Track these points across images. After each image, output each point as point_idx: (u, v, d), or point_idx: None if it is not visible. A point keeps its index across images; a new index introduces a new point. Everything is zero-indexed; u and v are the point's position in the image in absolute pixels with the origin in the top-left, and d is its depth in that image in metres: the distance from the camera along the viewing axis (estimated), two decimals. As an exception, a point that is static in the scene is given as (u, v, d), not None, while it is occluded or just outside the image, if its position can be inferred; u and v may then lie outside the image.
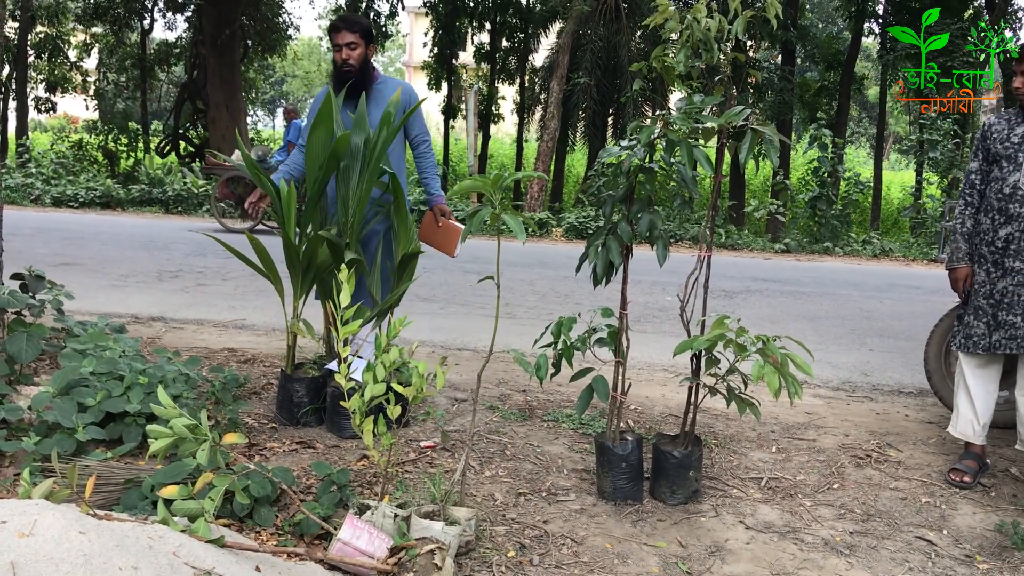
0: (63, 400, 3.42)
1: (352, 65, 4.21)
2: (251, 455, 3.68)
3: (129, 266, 9.04)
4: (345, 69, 4.23)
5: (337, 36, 4.23)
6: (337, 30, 4.23)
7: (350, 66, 4.22)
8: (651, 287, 8.80)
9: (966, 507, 3.56)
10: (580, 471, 3.75)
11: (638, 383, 5.17)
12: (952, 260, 3.88)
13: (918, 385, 5.46)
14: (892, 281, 10.63)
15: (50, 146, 22.48)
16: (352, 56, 4.21)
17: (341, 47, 4.21)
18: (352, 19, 4.30)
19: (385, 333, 2.93)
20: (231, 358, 5.31)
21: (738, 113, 3.15)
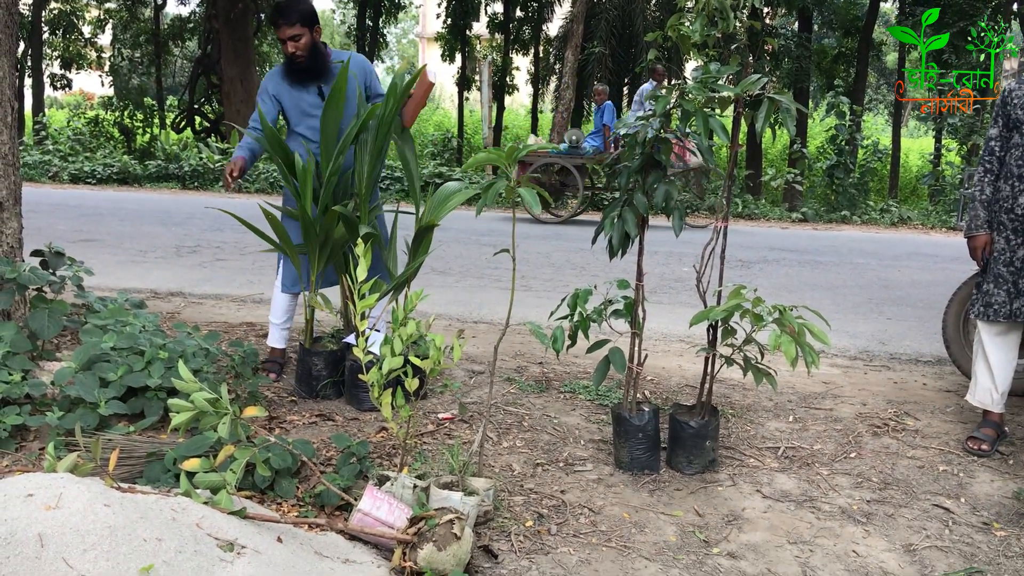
0: (85, 375, 3.47)
1: (302, 55, 4.10)
2: (271, 428, 3.72)
3: (147, 242, 9.10)
4: (298, 59, 4.12)
5: (279, 32, 4.11)
6: (277, 26, 4.11)
7: (300, 57, 4.11)
8: (667, 258, 8.78)
9: (984, 475, 3.56)
10: (597, 442, 3.77)
11: (654, 354, 5.17)
12: (971, 228, 3.84)
13: (936, 354, 5.44)
14: (910, 249, 10.56)
15: (67, 123, 22.56)
16: (299, 47, 4.09)
17: (285, 41, 4.09)
18: (288, 9, 4.07)
19: (402, 307, 2.95)
20: (250, 332, 5.35)
21: (754, 82, 3.13)
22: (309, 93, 4.20)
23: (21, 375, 3.49)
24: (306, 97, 4.21)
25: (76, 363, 3.53)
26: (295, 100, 4.21)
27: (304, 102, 4.21)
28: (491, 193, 2.90)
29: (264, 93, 4.25)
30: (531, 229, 11.33)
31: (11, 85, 3.98)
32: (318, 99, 4.18)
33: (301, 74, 4.16)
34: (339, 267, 4.26)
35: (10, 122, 3.98)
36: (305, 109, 4.22)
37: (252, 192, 15.66)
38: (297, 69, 4.15)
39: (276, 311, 4.45)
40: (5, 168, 3.95)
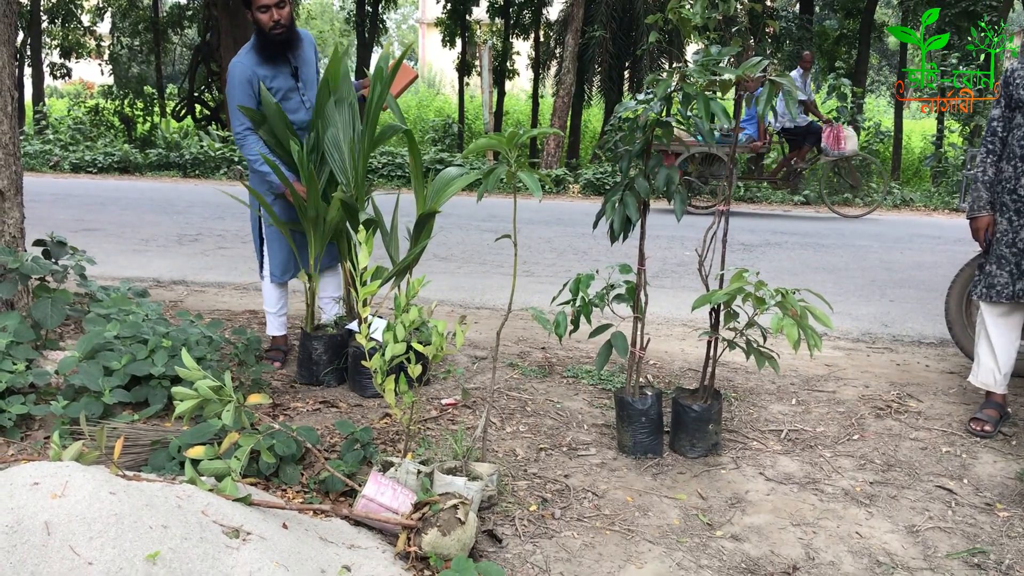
0: (89, 364, 3.48)
1: (284, 26, 3.89)
2: (275, 415, 3.73)
3: (149, 230, 9.10)
4: (277, 31, 3.89)
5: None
6: None
7: (282, 27, 3.89)
8: (669, 242, 8.77)
9: (986, 456, 3.57)
10: (600, 426, 3.78)
11: (657, 338, 5.18)
12: (973, 209, 3.84)
13: (939, 335, 5.44)
14: (913, 231, 10.54)
15: (67, 112, 22.52)
16: (283, 15, 3.87)
17: (269, 8, 3.84)
18: None
19: (404, 293, 2.95)
20: (253, 319, 5.36)
21: (756, 64, 3.12)
22: (282, 74, 4.01)
23: (25, 364, 3.50)
24: (279, 79, 4.00)
25: (80, 352, 3.54)
26: (273, 83, 3.99)
27: (280, 84, 4.01)
28: (492, 179, 2.89)
29: (237, 86, 3.95)
30: (533, 215, 11.31)
31: (11, 75, 3.97)
32: (292, 80, 4.04)
33: (279, 48, 3.94)
34: (341, 252, 4.26)
35: (10, 112, 3.97)
36: (282, 91, 4.03)
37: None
38: (277, 41, 3.91)
39: (269, 300, 4.45)
40: (6, 158, 3.95)
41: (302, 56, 4.08)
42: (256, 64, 3.95)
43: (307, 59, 4.11)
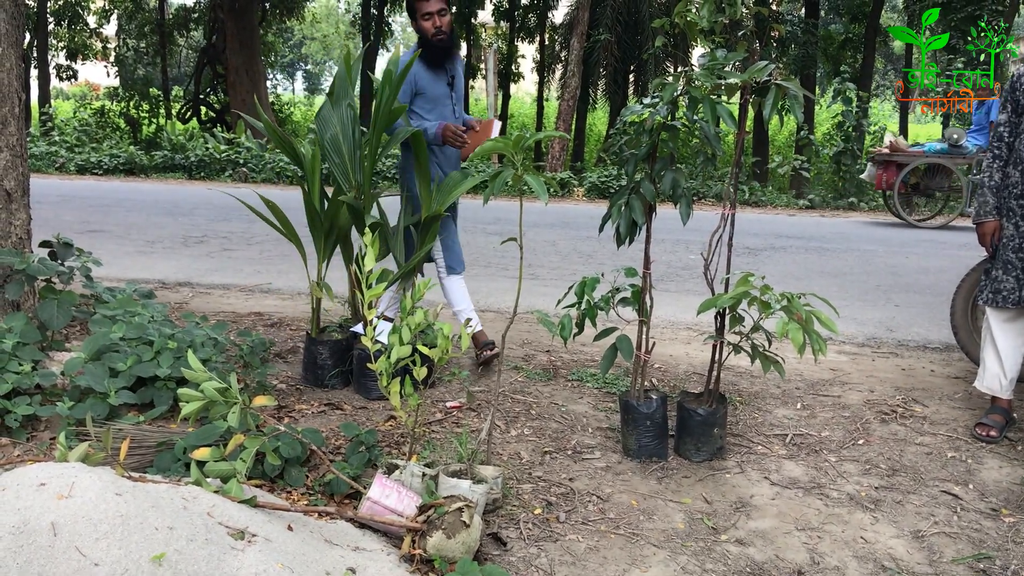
0: (95, 365, 3.48)
1: (445, 33, 4.01)
2: (280, 417, 3.73)
3: (155, 232, 9.12)
4: (439, 38, 4.02)
5: (427, 4, 3.96)
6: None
7: (443, 34, 4.01)
8: (674, 246, 8.77)
9: (992, 461, 3.56)
10: (605, 429, 3.78)
11: (662, 342, 5.17)
12: (980, 214, 3.83)
13: (944, 340, 5.43)
14: (918, 236, 10.52)
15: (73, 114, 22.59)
16: (444, 23, 3.99)
17: (432, 15, 3.96)
18: None
19: (410, 296, 2.95)
20: (258, 322, 5.37)
21: (761, 69, 3.12)
22: (440, 82, 4.14)
23: (31, 365, 3.51)
24: (437, 86, 4.14)
25: (86, 353, 3.55)
26: (431, 88, 4.13)
27: (438, 90, 4.15)
28: (498, 182, 2.90)
29: (407, 82, 4.07)
30: (538, 218, 11.31)
31: (18, 76, 3.99)
32: (447, 88, 4.15)
33: (441, 55, 4.07)
34: (347, 256, 4.26)
35: (17, 113, 3.98)
36: (438, 98, 4.17)
37: (258, 182, 15.67)
38: (439, 47, 4.03)
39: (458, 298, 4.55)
40: (13, 159, 3.96)
41: (458, 69, 4.25)
42: (419, 67, 4.09)
43: (460, 72, 4.28)
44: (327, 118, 4.03)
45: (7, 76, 3.90)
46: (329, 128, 4.03)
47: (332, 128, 4.03)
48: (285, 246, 7.68)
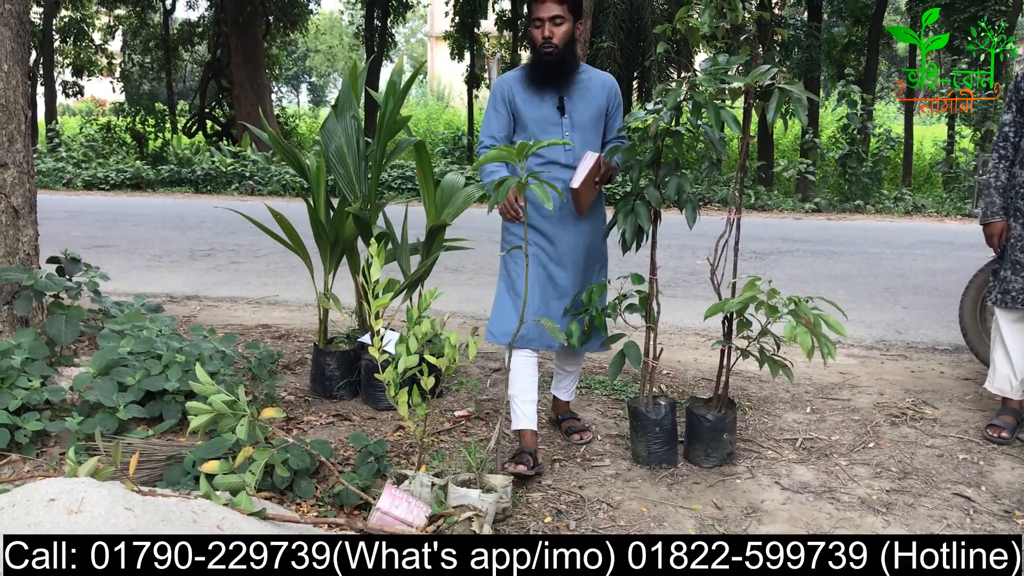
0: (103, 380, 3.49)
1: (554, 44, 3.32)
2: (289, 429, 3.73)
3: (162, 246, 9.15)
4: (545, 49, 3.33)
5: (538, 8, 3.36)
6: (539, 0, 3.35)
7: (552, 45, 3.32)
8: (680, 251, 8.76)
9: (1004, 463, 3.54)
10: (614, 436, 3.77)
11: (670, 348, 5.16)
12: (986, 215, 3.82)
13: (953, 342, 5.41)
14: (925, 238, 10.49)
15: (79, 130, 22.67)
16: (556, 33, 3.32)
17: (543, 22, 3.33)
18: None
19: (416, 305, 2.95)
20: (266, 334, 5.38)
21: (764, 72, 3.12)
22: (546, 103, 3.39)
23: (40, 381, 3.52)
24: (543, 108, 3.39)
25: (94, 368, 3.56)
26: (530, 109, 3.40)
27: (539, 113, 3.40)
28: (503, 190, 2.90)
29: (495, 98, 3.48)
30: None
31: (24, 94, 4.01)
32: (556, 114, 3.39)
33: (545, 71, 3.36)
34: (354, 267, 4.27)
35: (24, 131, 4.01)
36: (539, 120, 3.40)
37: (264, 195, 15.71)
38: (544, 62, 3.34)
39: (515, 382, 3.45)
40: (20, 176, 3.98)
41: (579, 92, 3.42)
42: (518, 82, 3.43)
43: (589, 100, 3.42)
44: (332, 130, 4.04)
45: (13, 93, 3.92)
46: (334, 140, 4.04)
47: (337, 139, 4.04)
48: (292, 258, 7.67)
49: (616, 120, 3.52)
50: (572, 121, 3.41)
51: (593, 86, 3.45)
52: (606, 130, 3.52)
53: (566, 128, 3.40)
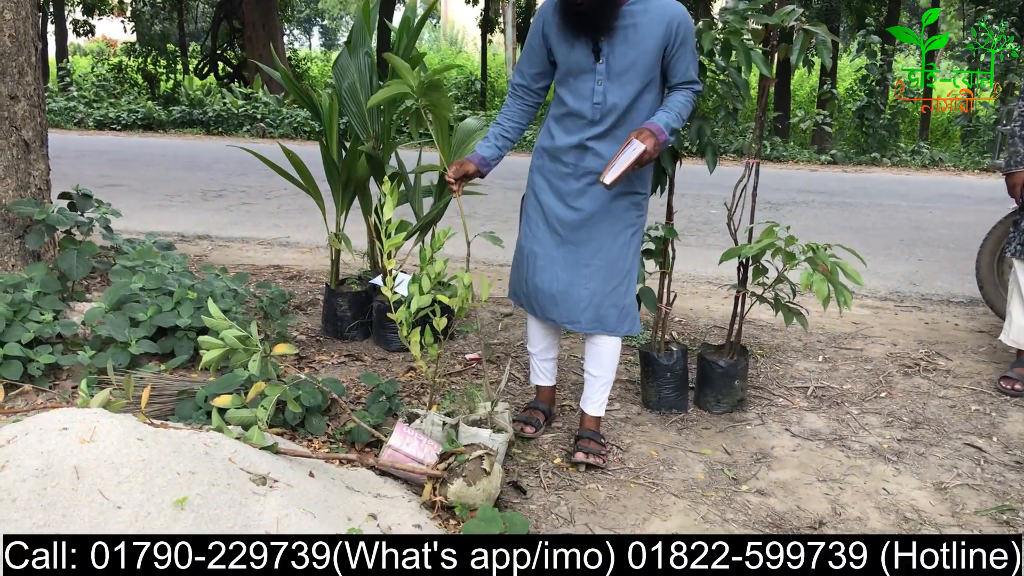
0: (115, 315, 3.49)
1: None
2: (301, 367, 3.74)
3: (173, 186, 9.11)
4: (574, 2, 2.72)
5: None
6: None
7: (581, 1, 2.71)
8: (695, 200, 8.68)
9: (1016, 414, 3.52)
10: (624, 382, 3.76)
11: (682, 296, 5.13)
12: (1010, 164, 3.75)
13: (968, 294, 5.37)
14: (942, 191, 10.37)
15: (91, 69, 22.53)
16: None
17: None
18: None
19: (430, 245, 2.92)
20: (277, 274, 5.37)
21: (790, 12, 3.05)
22: (580, 49, 2.80)
23: (52, 315, 3.52)
24: (575, 52, 2.81)
25: (106, 303, 3.56)
26: (562, 50, 2.84)
27: (571, 57, 2.83)
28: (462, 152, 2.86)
29: (532, 28, 2.96)
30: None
31: (34, 25, 3.95)
32: (589, 59, 2.79)
33: (574, 20, 2.77)
34: (366, 208, 4.23)
35: (34, 63, 3.95)
36: (571, 65, 2.84)
37: (276, 137, 15.61)
38: (571, 12, 2.75)
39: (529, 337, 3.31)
40: (31, 109, 3.94)
41: (623, 33, 2.76)
42: (555, 15, 2.85)
43: (635, 42, 2.76)
44: (345, 67, 3.98)
45: (23, 24, 3.87)
46: (347, 77, 3.97)
47: (350, 77, 3.97)
48: (303, 200, 7.66)
49: (681, 61, 2.80)
50: (609, 68, 2.78)
51: (646, 21, 2.74)
52: (667, 73, 2.84)
53: (600, 76, 2.80)
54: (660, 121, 2.74)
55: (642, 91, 2.81)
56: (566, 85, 2.88)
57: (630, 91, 2.80)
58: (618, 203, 2.91)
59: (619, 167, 2.68)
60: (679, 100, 2.83)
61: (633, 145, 2.67)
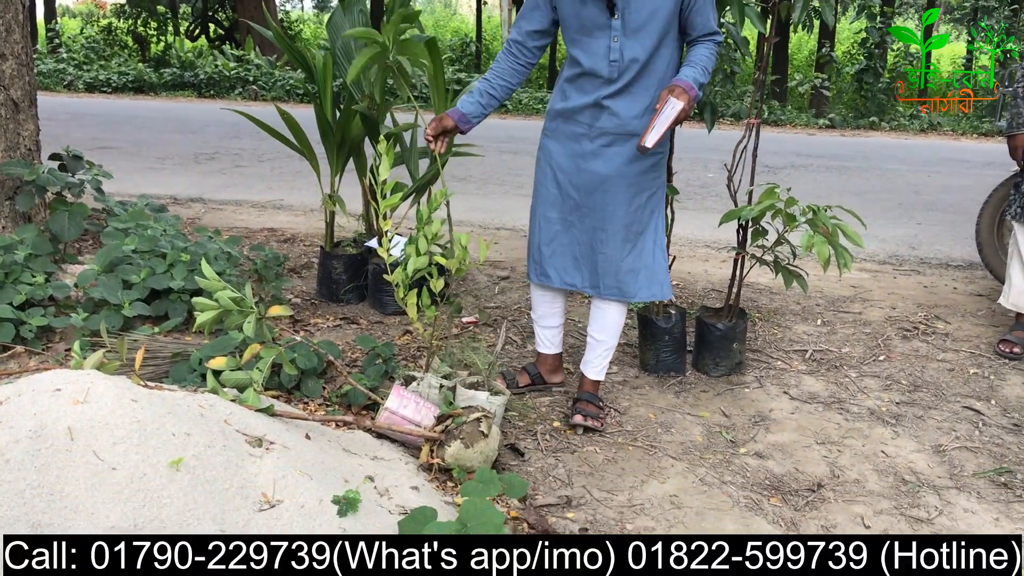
0: (108, 277, 3.45)
1: None
2: (296, 330, 3.71)
3: (165, 149, 9.02)
4: None
5: None
6: None
7: None
8: (692, 164, 8.62)
9: (1015, 378, 3.52)
10: (622, 345, 3.74)
11: (680, 259, 5.10)
12: (1012, 126, 3.71)
13: (967, 258, 5.35)
14: (941, 155, 10.32)
15: (80, 31, 22.24)
16: None
17: None
18: None
19: (427, 205, 2.88)
20: (271, 237, 5.33)
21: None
22: (594, 2, 2.67)
23: (44, 277, 3.48)
24: (589, 7, 2.68)
25: (99, 265, 3.52)
26: (572, 6, 2.72)
27: (584, 12, 2.70)
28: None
29: None
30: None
31: (21, -19, 3.86)
32: (604, 13, 2.67)
33: None
34: (361, 169, 4.18)
35: (21, 20, 3.88)
36: (584, 22, 2.71)
37: (268, 100, 15.46)
38: None
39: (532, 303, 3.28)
40: (19, 68, 3.86)
41: None
42: None
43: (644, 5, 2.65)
44: (339, 24, 3.91)
45: (10, -20, 3.78)
46: (341, 36, 3.90)
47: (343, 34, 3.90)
48: (296, 163, 7.59)
49: (701, 12, 2.70)
50: (625, 23, 2.66)
51: None
52: (686, 27, 2.74)
53: (616, 32, 2.67)
54: (688, 77, 2.64)
55: (659, 45, 2.70)
56: (578, 45, 2.76)
57: (648, 46, 2.69)
58: (634, 166, 2.83)
59: (659, 127, 2.57)
60: (703, 53, 2.73)
61: (671, 103, 2.56)
